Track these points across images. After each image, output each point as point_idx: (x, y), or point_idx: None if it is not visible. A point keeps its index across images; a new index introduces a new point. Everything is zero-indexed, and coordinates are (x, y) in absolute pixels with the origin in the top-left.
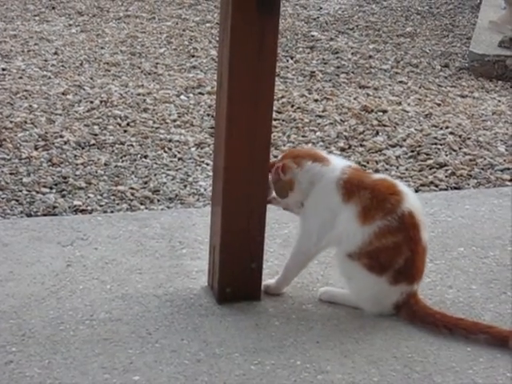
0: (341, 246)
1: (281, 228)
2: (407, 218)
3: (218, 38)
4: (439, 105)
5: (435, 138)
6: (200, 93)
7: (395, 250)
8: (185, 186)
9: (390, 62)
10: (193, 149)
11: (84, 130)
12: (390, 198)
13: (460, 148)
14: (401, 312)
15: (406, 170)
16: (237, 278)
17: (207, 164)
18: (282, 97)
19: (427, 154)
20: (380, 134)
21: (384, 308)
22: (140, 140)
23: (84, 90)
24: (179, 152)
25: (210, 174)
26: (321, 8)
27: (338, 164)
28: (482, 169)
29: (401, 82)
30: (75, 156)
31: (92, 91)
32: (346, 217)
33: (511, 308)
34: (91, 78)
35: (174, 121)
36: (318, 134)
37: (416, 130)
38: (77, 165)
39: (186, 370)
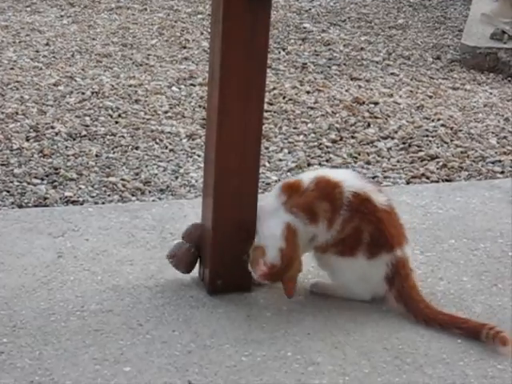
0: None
1: None
2: (353, 200)
3: (209, 30)
4: (431, 97)
5: (427, 130)
6: (192, 84)
7: (357, 232)
8: (176, 178)
9: (381, 53)
10: (184, 140)
11: (75, 121)
12: (335, 194)
13: (451, 140)
14: (393, 286)
15: (398, 161)
16: (228, 269)
17: (198, 155)
18: (274, 88)
19: (418, 146)
20: (371, 125)
21: (375, 286)
22: (131, 131)
23: (75, 81)
24: (170, 143)
25: (202, 165)
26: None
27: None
28: (474, 161)
29: (392, 73)
30: (66, 147)
31: (83, 82)
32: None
33: (502, 300)
34: (83, 69)
35: (166, 112)
36: (309, 125)
37: (407, 122)
38: (68, 156)
39: (177, 361)
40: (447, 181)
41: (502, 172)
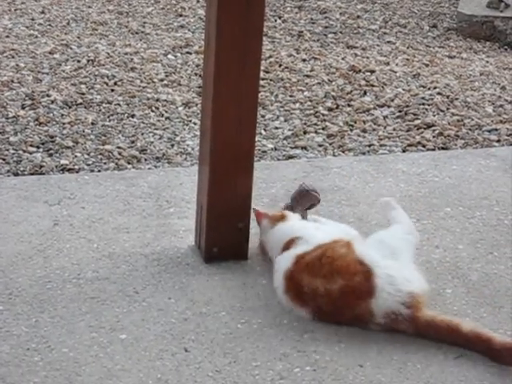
0: None
1: (268, 187)
2: None
3: None
4: (427, 65)
5: (423, 98)
6: (188, 52)
7: None
8: (172, 146)
9: (378, 22)
10: (180, 108)
11: (71, 89)
12: None
13: (448, 108)
14: None
15: (394, 130)
16: (224, 237)
17: (194, 123)
18: (270, 56)
19: (415, 114)
20: (368, 93)
21: None
22: (127, 99)
23: (71, 49)
24: (166, 111)
25: (198, 133)
26: None
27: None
28: (470, 129)
29: (389, 42)
30: (62, 115)
31: (79, 50)
32: None
33: (498, 268)
34: (78, 37)
35: (162, 80)
36: (305, 93)
37: (404, 90)
38: (64, 124)
39: (173, 328)
40: (443, 149)
41: (498, 140)
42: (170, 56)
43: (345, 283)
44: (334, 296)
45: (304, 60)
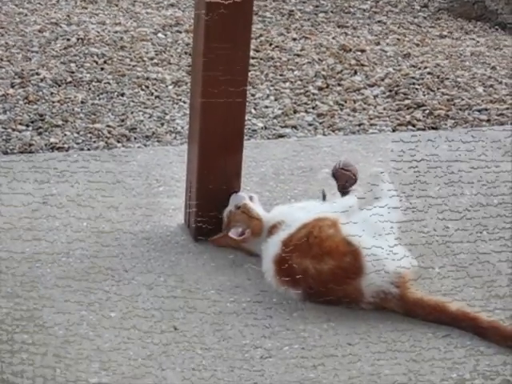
0: None
1: (258, 166)
2: None
3: None
4: (418, 45)
5: (413, 77)
6: (178, 31)
7: None
8: (162, 124)
9: (368, 1)
10: (170, 87)
11: (60, 67)
12: None
13: (438, 88)
14: None
15: (384, 109)
16: (213, 215)
17: (184, 102)
18: (260, 35)
19: (405, 94)
20: (358, 73)
21: None
22: (117, 78)
23: (61, 27)
24: (156, 90)
25: (187, 112)
26: None
27: None
28: (460, 109)
29: (379, 21)
30: (52, 93)
31: (69, 29)
32: None
33: (487, 247)
34: (68, 16)
35: (152, 59)
36: (295, 72)
37: (394, 69)
38: (53, 102)
39: (163, 306)
40: (433, 128)
41: (488, 120)
42: (159, 35)
43: (335, 264)
44: (325, 276)
45: (294, 39)
